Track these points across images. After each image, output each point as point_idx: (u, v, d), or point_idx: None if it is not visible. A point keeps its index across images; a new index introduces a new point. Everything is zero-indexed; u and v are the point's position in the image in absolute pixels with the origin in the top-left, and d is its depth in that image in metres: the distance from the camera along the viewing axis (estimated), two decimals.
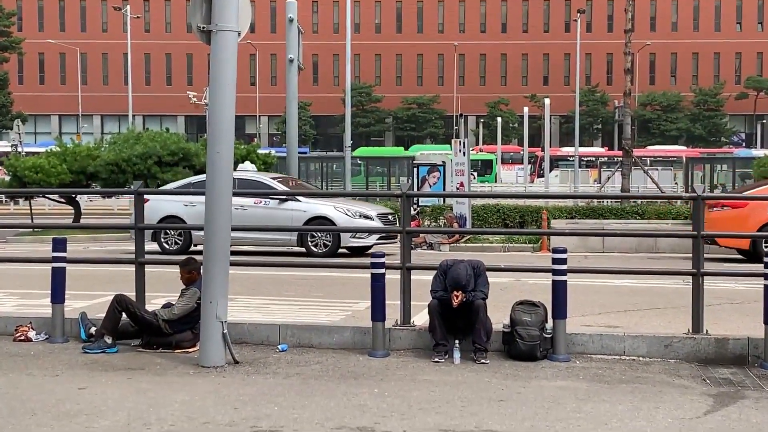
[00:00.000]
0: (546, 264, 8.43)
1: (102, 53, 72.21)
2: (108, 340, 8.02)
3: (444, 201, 22.05)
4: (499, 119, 58.78)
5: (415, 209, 20.52)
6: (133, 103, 53.27)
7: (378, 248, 12.94)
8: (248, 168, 19.35)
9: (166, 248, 16.97)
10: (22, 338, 8.53)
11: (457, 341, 7.78)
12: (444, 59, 72.90)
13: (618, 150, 45.99)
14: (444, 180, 22.16)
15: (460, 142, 22.63)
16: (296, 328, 8.44)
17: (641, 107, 68.13)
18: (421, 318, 8.51)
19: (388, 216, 17.42)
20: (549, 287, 7.95)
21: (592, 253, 17.43)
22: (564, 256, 7.95)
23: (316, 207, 16.85)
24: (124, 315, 8.13)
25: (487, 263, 8.23)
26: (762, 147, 61.70)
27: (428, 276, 8.25)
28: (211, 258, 7.51)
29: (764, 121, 66.52)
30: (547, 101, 45.11)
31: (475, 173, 46.72)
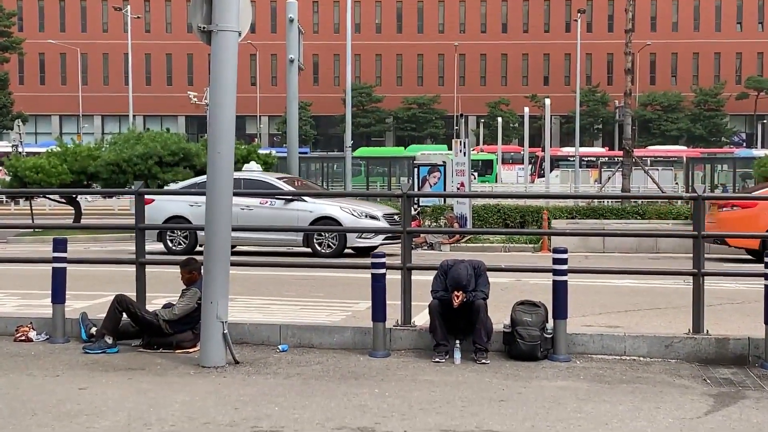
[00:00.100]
0: (547, 264, 8.43)
1: (102, 53, 72.23)
2: (108, 341, 8.03)
3: (444, 201, 22.04)
4: (500, 119, 58.85)
5: (416, 209, 20.51)
6: (134, 104, 53.32)
7: (380, 248, 12.93)
8: (254, 168, 19.35)
9: (172, 248, 16.87)
10: (23, 338, 8.53)
11: (458, 341, 7.78)
12: (444, 59, 72.91)
13: (618, 150, 45.98)
14: (444, 180, 22.14)
15: (461, 142, 22.61)
16: (297, 329, 8.44)
17: (642, 107, 68.13)
18: (422, 318, 8.50)
19: (394, 216, 17.22)
20: (549, 287, 7.95)
21: (593, 253, 17.42)
22: (564, 256, 7.95)
23: (323, 207, 16.78)
24: (125, 315, 8.13)
25: (488, 263, 8.23)
26: (762, 147, 61.69)
27: (429, 276, 8.25)
28: (212, 258, 7.51)
29: (765, 121, 66.51)
30: (548, 101, 45.11)
31: (476, 173, 46.72)
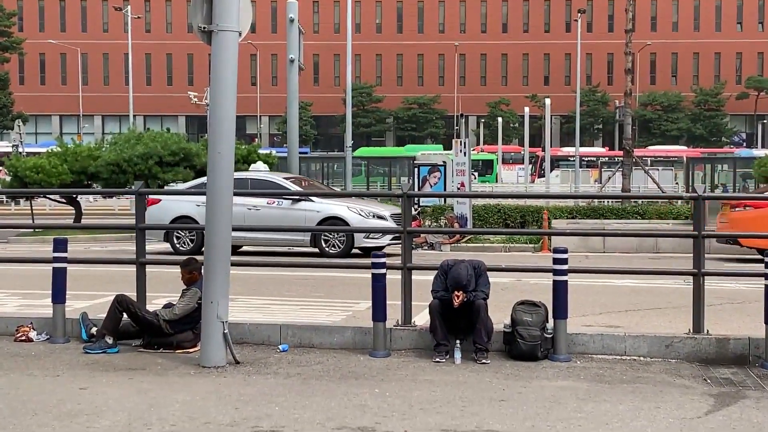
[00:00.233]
0: (547, 264, 8.44)
1: (103, 53, 72.22)
2: (109, 341, 8.02)
3: (445, 201, 22.03)
4: (500, 119, 58.88)
5: (416, 209, 20.51)
6: (134, 104, 53.34)
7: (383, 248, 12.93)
8: (261, 168, 19.34)
9: (179, 249, 16.82)
10: (23, 338, 8.53)
11: (458, 341, 7.78)
12: (445, 59, 72.89)
13: (619, 150, 45.98)
14: (445, 180, 22.14)
15: (461, 142, 22.63)
16: (297, 328, 8.43)
17: (642, 107, 68.12)
18: (422, 318, 8.51)
19: None
20: (550, 287, 7.95)
21: (593, 253, 17.42)
22: (565, 256, 7.95)
23: (330, 207, 16.74)
24: (125, 315, 8.13)
25: (488, 263, 8.23)
26: (763, 147, 61.70)
27: (429, 276, 8.25)
28: (212, 258, 7.51)
29: (765, 121, 66.51)
30: (548, 101, 45.13)
31: (476, 173, 46.72)
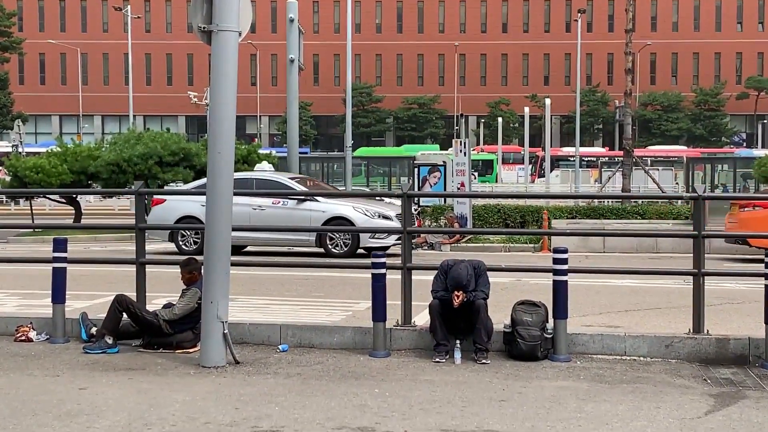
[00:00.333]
0: (547, 264, 8.44)
1: (103, 53, 72.22)
2: (109, 341, 8.02)
3: (445, 201, 22.05)
4: (500, 119, 58.87)
5: (416, 209, 20.51)
6: (134, 104, 53.30)
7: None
8: (266, 168, 19.32)
9: (184, 248, 16.77)
10: (23, 338, 8.53)
11: (458, 341, 7.77)
12: (445, 59, 72.89)
13: (619, 150, 45.96)
14: (445, 180, 22.15)
15: (461, 142, 22.64)
16: (297, 329, 8.43)
17: (642, 107, 68.13)
18: (422, 318, 8.51)
19: None
20: (550, 287, 7.95)
21: (593, 253, 17.42)
22: (565, 256, 7.95)
23: (336, 207, 16.72)
24: (125, 315, 8.13)
25: (488, 263, 8.23)
26: (763, 147, 61.68)
27: (429, 276, 8.25)
28: (212, 258, 7.50)
29: (765, 121, 66.50)
30: (548, 101, 45.16)
31: (476, 173, 46.73)
